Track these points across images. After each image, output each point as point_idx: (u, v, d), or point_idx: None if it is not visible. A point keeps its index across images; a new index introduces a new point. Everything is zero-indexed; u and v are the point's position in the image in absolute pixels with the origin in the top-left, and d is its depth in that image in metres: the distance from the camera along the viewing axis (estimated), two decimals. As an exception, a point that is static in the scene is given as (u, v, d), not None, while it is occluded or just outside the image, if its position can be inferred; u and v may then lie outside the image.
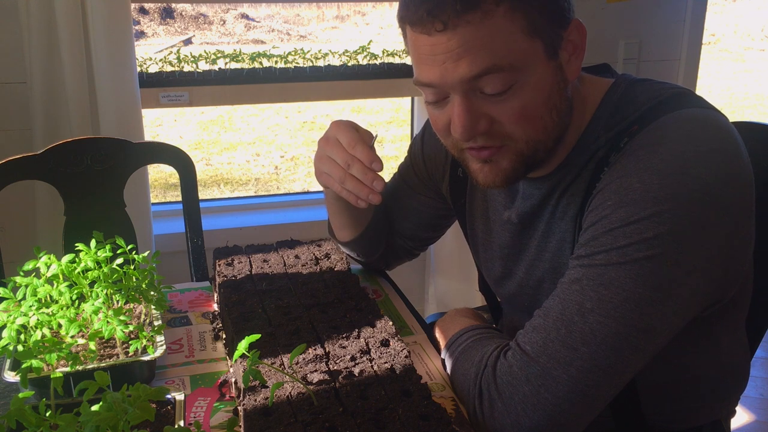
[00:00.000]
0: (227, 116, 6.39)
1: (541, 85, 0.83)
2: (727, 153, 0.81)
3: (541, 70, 0.82)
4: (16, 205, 1.83)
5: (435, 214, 1.23)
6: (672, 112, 0.84)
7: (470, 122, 0.83)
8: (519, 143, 0.86)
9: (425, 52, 0.82)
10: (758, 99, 7.71)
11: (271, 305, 1.04)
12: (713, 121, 0.83)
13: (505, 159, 0.87)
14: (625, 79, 0.92)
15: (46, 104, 1.79)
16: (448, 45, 0.80)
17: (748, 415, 2.24)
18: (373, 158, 0.96)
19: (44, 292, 0.95)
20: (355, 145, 0.97)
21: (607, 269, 0.78)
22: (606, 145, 0.88)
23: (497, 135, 0.85)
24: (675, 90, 0.88)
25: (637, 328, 0.77)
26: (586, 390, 0.78)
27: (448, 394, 0.91)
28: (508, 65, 0.80)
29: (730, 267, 0.82)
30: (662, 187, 0.77)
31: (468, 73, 0.80)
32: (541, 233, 0.97)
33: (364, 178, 0.97)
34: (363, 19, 9.94)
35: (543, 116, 0.85)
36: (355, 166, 0.97)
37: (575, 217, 0.91)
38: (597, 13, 2.33)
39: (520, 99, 0.82)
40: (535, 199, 0.97)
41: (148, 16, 9.03)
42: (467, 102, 0.83)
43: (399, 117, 6.39)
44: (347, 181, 0.98)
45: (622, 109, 0.88)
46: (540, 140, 0.86)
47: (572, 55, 0.86)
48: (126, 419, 0.64)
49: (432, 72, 0.83)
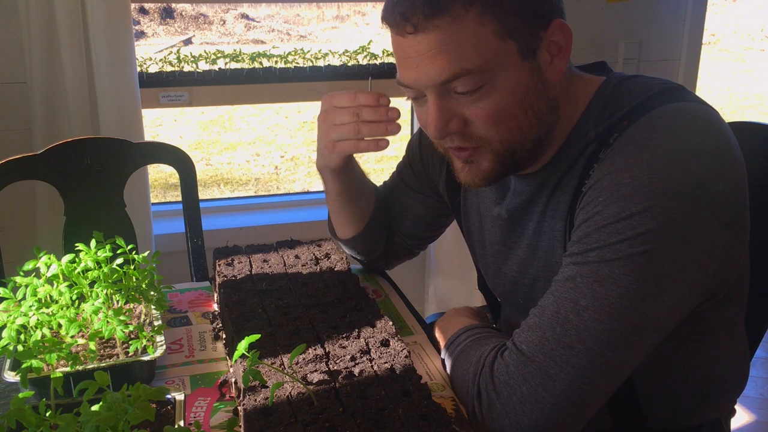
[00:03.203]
0: (227, 116, 6.39)
1: (514, 87, 0.84)
2: (718, 146, 0.81)
3: (515, 72, 0.83)
4: (16, 205, 1.83)
5: (433, 212, 1.23)
6: (661, 107, 0.84)
7: (442, 122, 0.85)
8: (494, 144, 0.87)
9: (401, 54, 0.86)
10: (758, 99, 7.70)
11: (271, 305, 1.04)
12: (703, 115, 0.83)
13: (484, 159, 0.89)
14: (615, 77, 0.92)
15: (46, 104, 1.79)
16: (419, 48, 0.82)
17: (748, 415, 2.24)
18: (378, 95, 0.97)
19: (44, 292, 0.95)
20: (356, 96, 0.98)
21: (600, 266, 0.79)
22: (595, 141, 0.88)
23: (471, 136, 0.87)
24: (665, 85, 0.88)
25: (632, 324, 0.77)
26: (584, 387, 0.78)
27: (448, 394, 0.91)
28: (478, 68, 0.81)
29: (724, 260, 0.82)
30: (653, 182, 0.77)
31: (438, 77, 0.83)
32: (532, 231, 0.97)
33: (377, 115, 0.97)
34: (363, 19, 9.93)
35: (517, 117, 0.85)
36: (364, 111, 0.98)
37: (566, 215, 0.91)
38: (597, 13, 2.33)
39: (492, 100, 0.83)
40: (524, 195, 0.97)
41: (148, 16, 9.02)
42: (440, 102, 0.85)
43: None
44: (363, 128, 0.98)
45: (612, 104, 0.88)
46: (515, 140, 0.87)
47: (555, 56, 0.86)
48: (126, 419, 0.64)
49: (408, 73, 0.86)
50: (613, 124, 0.86)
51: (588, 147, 0.88)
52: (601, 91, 0.91)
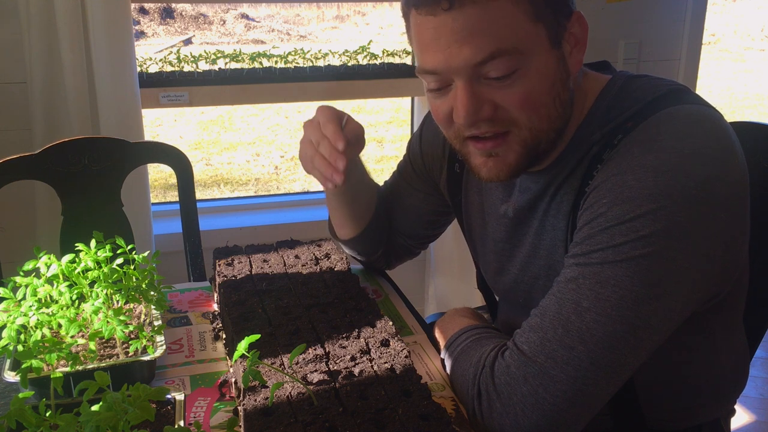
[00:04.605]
0: (227, 116, 6.39)
1: (544, 72, 0.83)
2: (722, 149, 0.81)
3: (545, 57, 0.82)
4: (15, 205, 1.83)
5: (434, 211, 1.23)
6: (666, 109, 0.84)
7: (474, 108, 0.82)
8: (523, 131, 0.85)
9: (429, 36, 0.82)
10: (758, 99, 7.70)
11: (271, 305, 1.04)
12: (707, 117, 0.83)
13: (510, 151, 0.87)
14: (622, 75, 0.92)
15: (46, 104, 1.79)
16: (453, 26, 0.79)
17: (748, 415, 2.24)
18: (338, 138, 0.96)
19: (44, 292, 0.95)
20: (326, 124, 0.98)
21: (603, 268, 0.78)
22: (600, 142, 0.87)
23: (501, 120, 0.84)
24: (670, 86, 0.88)
25: (634, 325, 0.77)
26: (585, 389, 0.78)
27: (448, 394, 0.91)
28: (513, 49, 0.79)
29: (726, 262, 0.82)
30: (657, 185, 0.77)
31: (473, 58, 0.80)
32: (534, 230, 0.97)
33: (329, 156, 0.97)
34: (363, 19, 9.93)
35: (547, 104, 0.84)
36: (323, 144, 0.98)
37: (568, 214, 0.91)
38: (597, 13, 2.33)
39: (525, 84, 0.82)
40: (531, 193, 0.96)
41: (148, 16, 9.03)
42: (470, 87, 0.82)
43: (399, 117, 6.39)
44: (315, 160, 0.99)
45: (618, 105, 0.88)
46: (543, 129, 0.86)
47: (574, 48, 0.86)
48: (126, 419, 0.64)
49: (436, 57, 0.82)
50: (618, 125, 0.86)
51: (593, 147, 0.88)
52: (608, 90, 0.91)
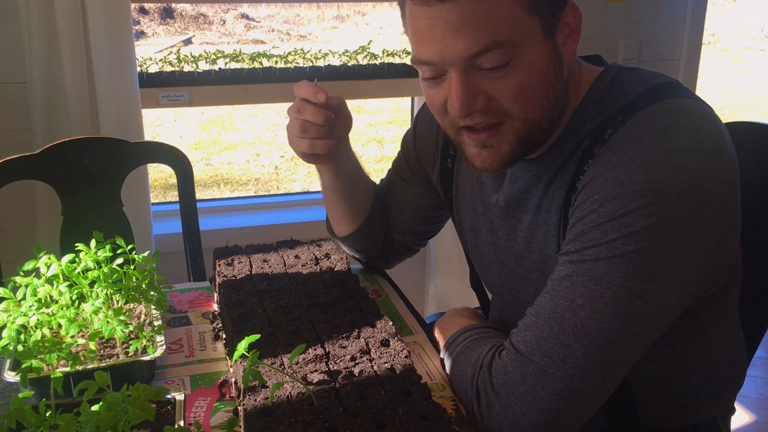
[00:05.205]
0: (227, 116, 6.39)
1: (538, 64, 0.83)
2: (713, 144, 0.81)
3: (539, 49, 0.83)
4: (15, 205, 1.83)
5: (429, 205, 1.23)
6: (656, 103, 0.84)
7: (468, 99, 0.83)
8: (516, 122, 0.85)
9: (424, 27, 0.82)
10: (758, 99, 7.70)
11: (271, 305, 1.04)
12: (698, 112, 0.83)
13: (504, 142, 0.87)
14: (614, 67, 0.92)
15: (46, 104, 1.79)
16: (448, 18, 0.79)
17: (748, 415, 2.24)
18: (316, 90, 1.00)
19: (44, 292, 0.95)
20: (300, 87, 1.02)
21: (596, 264, 0.79)
22: (591, 135, 0.88)
23: (495, 111, 0.84)
24: (661, 80, 0.88)
25: (629, 321, 0.78)
26: (582, 386, 0.78)
27: (448, 394, 0.91)
28: (507, 41, 0.80)
29: (718, 256, 0.83)
30: (648, 180, 0.77)
31: (467, 51, 0.80)
32: (528, 225, 0.97)
33: (310, 95, 1.00)
34: (363, 19, 9.93)
35: (539, 95, 0.85)
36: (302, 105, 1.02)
37: (560, 210, 0.91)
38: (597, 13, 2.33)
39: (518, 75, 0.82)
40: (522, 182, 0.96)
41: (148, 16, 9.03)
42: (465, 78, 0.82)
43: (399, 117, 6.39)
44: (299, 122, 1.02)
45: (609, 96, 0.88)
46: (536, 120, 0.86)
47: (568, 37, 0.86)
48: (126, 419, 0.64)
49: (431, 49, 0.82)
50: (608, 119, 0.86)
51: (583, 141, 0.88)
52: (600, 81, 0.91)
